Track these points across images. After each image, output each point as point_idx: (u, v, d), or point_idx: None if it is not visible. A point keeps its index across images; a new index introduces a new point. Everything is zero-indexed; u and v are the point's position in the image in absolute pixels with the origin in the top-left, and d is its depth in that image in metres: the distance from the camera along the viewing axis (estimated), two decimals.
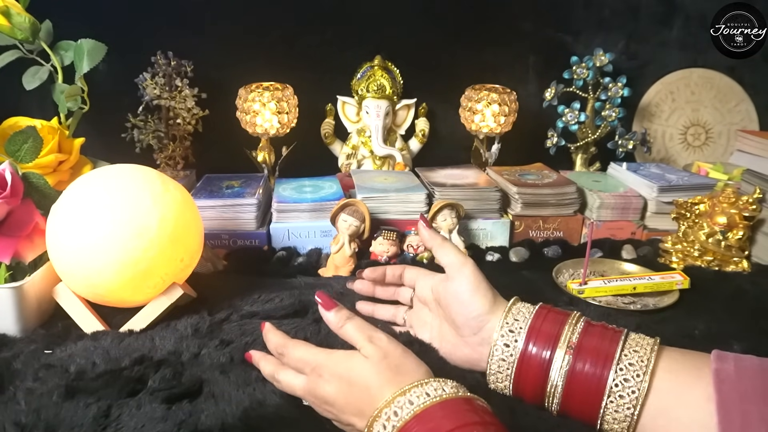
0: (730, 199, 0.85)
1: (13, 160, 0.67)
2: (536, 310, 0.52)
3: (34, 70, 0.77)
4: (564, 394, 0.47)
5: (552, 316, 0.51)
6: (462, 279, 0.54)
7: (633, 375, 0.45)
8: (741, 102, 1.22)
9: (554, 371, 0.48)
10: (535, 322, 0.50)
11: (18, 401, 0.50)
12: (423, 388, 0.42)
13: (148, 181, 0.63)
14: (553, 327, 0.50)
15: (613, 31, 1.19)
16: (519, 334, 0.50)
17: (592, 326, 0.50)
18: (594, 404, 0.46)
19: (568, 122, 1.13)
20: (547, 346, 0.49)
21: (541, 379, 0.49)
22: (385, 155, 1.12)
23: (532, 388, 0.49)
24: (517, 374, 0.50)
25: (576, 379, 0.47)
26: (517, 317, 0.51)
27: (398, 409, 0.41)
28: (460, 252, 0.56)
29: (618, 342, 0.47)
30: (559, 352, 0.48)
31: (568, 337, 0.48)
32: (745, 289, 0.78)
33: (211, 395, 0.52)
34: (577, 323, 0.50)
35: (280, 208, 0.89)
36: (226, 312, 0.67)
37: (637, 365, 0.45)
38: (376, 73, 1.12)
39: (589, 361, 0.47)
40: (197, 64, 1.03)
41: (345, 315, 0.50)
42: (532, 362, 0.49)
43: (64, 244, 0.60)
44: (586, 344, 0.48)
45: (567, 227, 0.95)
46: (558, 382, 0.47)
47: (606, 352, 0.46)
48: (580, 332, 0.48)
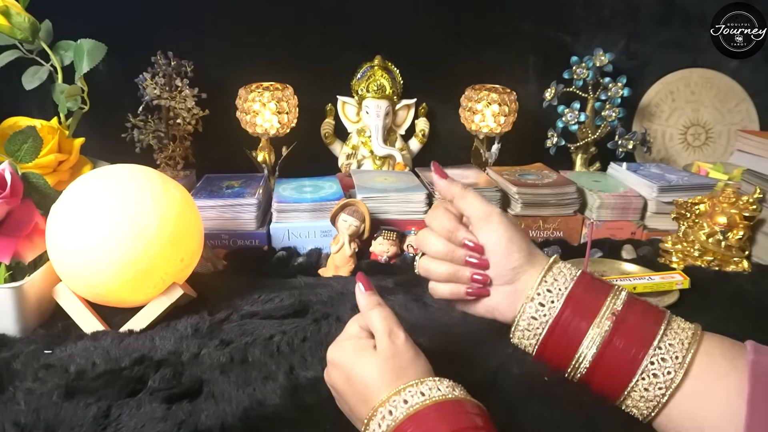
0: (731, 199, 0.84)
1: (13, 160, 0.67)
2: (578, 276, 0.49)
3: (33, 70, 0.77)
4: (592, 367, 0.47)
5: (594, 285, 0.49)
6: (491, 232, 0.50)
7: (668, 366, 0.44)
8: (741, 102, 1.22)
9: (586, 344, 0.46)
10: (576, 289, 0.48)
11: (18, 401, 0.50)
12: (418, 387, 0.42)
13: (148, 181, 0.63)
14: (593, 298, 0.48)
15: (613, 31, 1.19)
16: (557, 297, 0.48)
17: (635, 302, 0.48)
18: (622, 381, 0.45)
19: (568, 122, 1.13)
20: (584, 316, 0.47)
21: (570, 349, 0.47)
22: (385, 155, 1.12)
23: (559, 356, 0.48)
24: (546, 338, 0.48)
25: (609, 355, 0.46)
26: (557, 278, 0.49)
27: (393, 409, 0.41)
28: (486, 201, 0.52)
29: (661, 323, 0.46)
30: (596, 326, 0.46)
31: (609, 309, 0.47)
32: (746, 289, 0.78)
33: (211, 395, 0.52)
34: (618, 297, 0.48)
35: (280, 208, 0.89)
36: (226, 312, 0.67)
37: (674, 357, 0.44)
38: (376, 73, 1.12)
39: (627, 338, 0.45)
40: (197, 64, 1.03)
41: (376, 300, 0.48)
42: (567, 330, 0.47)
43: (64, 244, 0.60)
44: (627, 320, 0.46)
45: (567, 227, 0.95)
46: (588, 354, 0.46)
47: (647, 331, 0.45)
48: (622, 306, 0.47)
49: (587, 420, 0.49)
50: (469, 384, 0.45)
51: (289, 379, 0.54)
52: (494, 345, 0.59)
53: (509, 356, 0.57)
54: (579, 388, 0.52)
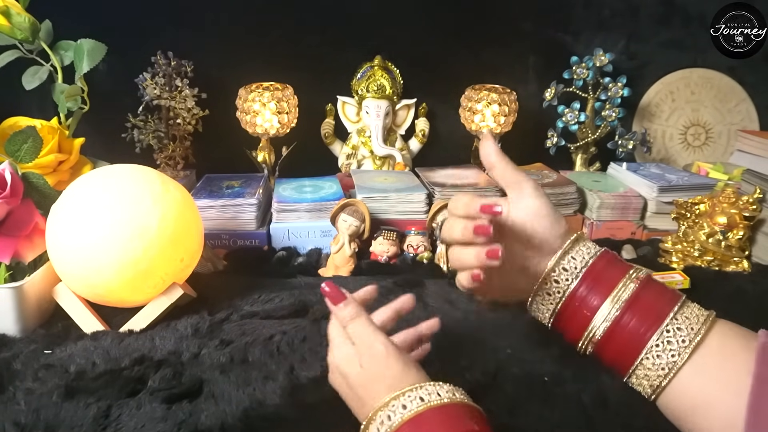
0: (731, 199, 0.85)
1: (13, 160, 0.67)
2: (600, 252, 0.51)
3: (33, 70, 0.77)
4: (602, 341, 0.48)
5: (616, 261, 0.51)
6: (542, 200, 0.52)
7: (683, 335, 0.45)
8: (741, 102, 1.22)
9: (598, 318, 0.48)
10: (597, 264, 0.50)
11: (18, 401, 0.50)
12: (417, 392, 0.42)
13: (148, 181, 0.63)
14: (613, 273, 0.49)
15: (613, 31, 1.19)
16: (580, 267, 0.50)
17: (653, 282, 0.49)
18: (629, 358, 0.47)
19: (568, 122, 1.13)
20: (600, 291, 0.49)
21: (582, 324, 0.49)
22: (385, 155, 1.12)
23: (572, 328, 0.50)
24: (563, 309, 0.50)
25: (619, 330, 0.47)
26: (575, 256, 0.50)
27: (391, 413, 0.41)
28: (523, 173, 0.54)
29: (674, 305, 0.47)
30: (609, 302, 0.48)
31: (621, 289, 0.48)
32: (746, 290, 0.78)
33: (211, 395, 0.52)
34: (636, 277, 0.49)
35: (280, 208, 0.89)
36: (226, 312, 0.67)
37: (689, 328, 0.45)
38: (376, 73, 1.12)
39: (639, 316, 0.47)
40: (197, 64, 1.03)
41: (349, 314, 0.47)
42: (579, 305, 0.49)
43: (64, 244, 0.60)
44: (642, 298, 0.48)
45: None
46: (600, 328, 0.48)
47: (658, 310, 0.47)
48: (637, 286, 0.48)
49: (587, 420, 0.49)
50: (469, 384, 0.45)
51: (289, 379, 0.54)
52: (494, 345, 0.59)
53: (509, 356, 0.57)
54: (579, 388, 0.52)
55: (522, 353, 0.57)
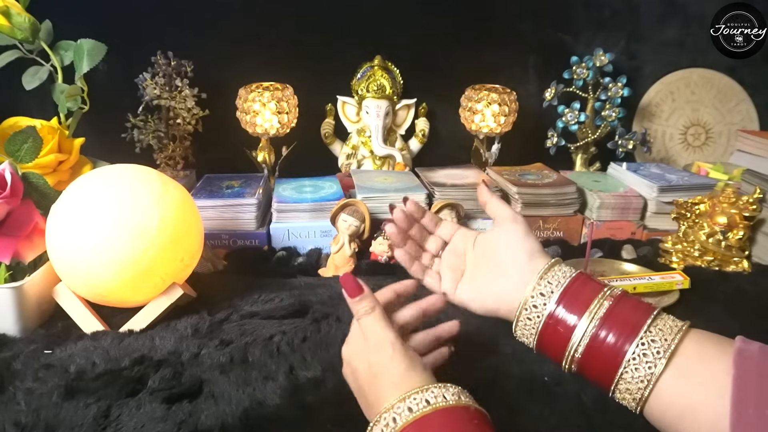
0: (731, 199, 0.84)
1: (13, 160, 0.67)
2: (575, 274, 0.53)
3: (33, 70, 0.77)
4: (582, 359, 0.50)
5: (589, 282, 0.52)
6: (517, 225, 0.57)
7: (657, 346, 0.46)
8: (741, 102, 1.22)
9: (576, 335, 0.50)
10: (571, 285, 0.52)
11: (18, 401, 0.50)
12: (423, 395, 0.42)
13: (148, 181, 0.63)
14: (587, 292, 0.51)
15: (613, 31, 1.19)
16: (556, 289, 0.52)
17: (626, 298, 0.51)
18: (611, 371, 0.47)
19: (568, 122, 1.13)
20: (576, 309, 0.50)
21: (563, 343, 0.50)
22: (385, 155, 1.12)
23: (554, 350, 0.52)
24: (542, 334, 0.52)
25: (598, 346, 0.48)
26: (556, 274, 0.53)
27: (397, 416, 0.41)
28: (511, 208, 0.60)
29: (648, 317, 0.48)
30: (585, 319, 0.49)
31: (597, 306, 0.50)
32: (746, 290, 0.78)
33: (211, 395, 0.52)
34: (610, 294, 0.51)
35: (280, 208, 0.89)
36: (226, 312, 0.67)
37: (663, 339, 0.46)
38: (376, 73, 1.12)
39: (615, 330, 0.48)
40: (197, 64, 1.03)
41: (365, 308, 0.48)
42: (558, 326, 0.51)
43: (64, 244, 0.60)
44: (616, 314, 0.49)
45: (567, 227, 0.95)
46: (579, 346, 0.49)
47: (633, 323, 0.48)
48: (611, 302, 0.50)
49: (587, 420, 0.49)
50: (469, 384, 0.45)
51: (289, 379, 0.54)
52: (494, 345, 0.59)
53: (509, 356, 0.57)
54: (579, 388, 0.52)
55: (522, 353, 0.57)
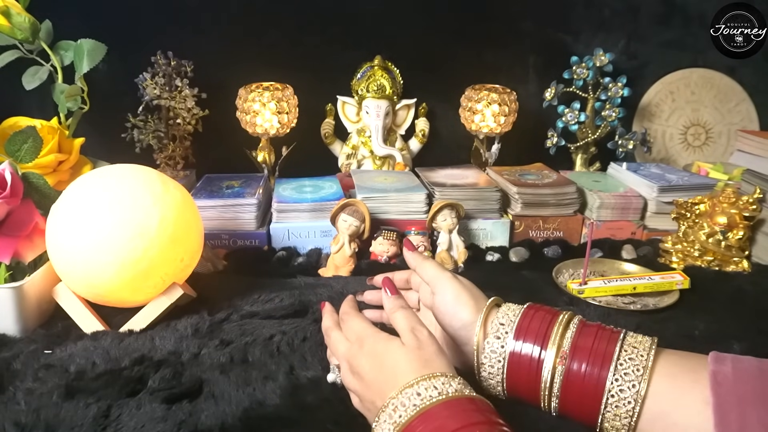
0: (731, 199, 0.85)
1: (13, 160, 0.67)
2: (523, 311, 0.51)
3: (33, 70, 0.77)
4: (561, 395, 0.47)
5: (540, 315, 0.50)
6: (442, 291, 0.54)
7: (631, 377, 0.44)
8: (741, 102, 1.22)
9: (546, 370, 0.47)
10: (522, 322, 0.50)
11: (18, 401, 0.50)
12: (431, 381, 0.43)
13: (148, 181, 0.63)
14: (541, 326, 0.49)
15: (613, 31, 1.19)
16: (506, 335, 0.50)
17: (587, 326, 0.49)
18: (593, 406, 0.45)
19: (568, 122, 1.13)
20: (536, 344, 0.48)
21: (533, 380, 0.48)
22: (385, 155, 1.12)
23: (526, 389, 0.49)
24: (509, 376, 0.50)
25: (572, 381, 0.46)
26: (502, 321, 0.51)
27: (406, 400, 0.42)
28: (440, 267, 0.56)
29: (616, 342, 0.46)
30: (550, 352, 0.47)
31: (559, 336, 0.48)
32: (746, 290, 0.78)
33: (211, 395, 0.52)
34: (569, 322, 0.49)
35: (280, 208, 0.89)
36: (226, 312, 0.67)
37: (635, 367, 0.45)
38: (376, 73, 1.12)
39: (586, 362, 0.46)
40: (197, 64, 1.03)
41: (400, 304, 0.51)
42: (522, 363, 0.49)
43: (64, 244, 0.60)
44: (582, 344, 0.47)
45: (567, 227, 0.95)
46: (551, 381, 0.47)
47: (603, 352, 0.46)
48: (575, 331, 0.48)
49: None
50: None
51: (289, 379, 0.54)
52: None
53: None
54: None
55: None
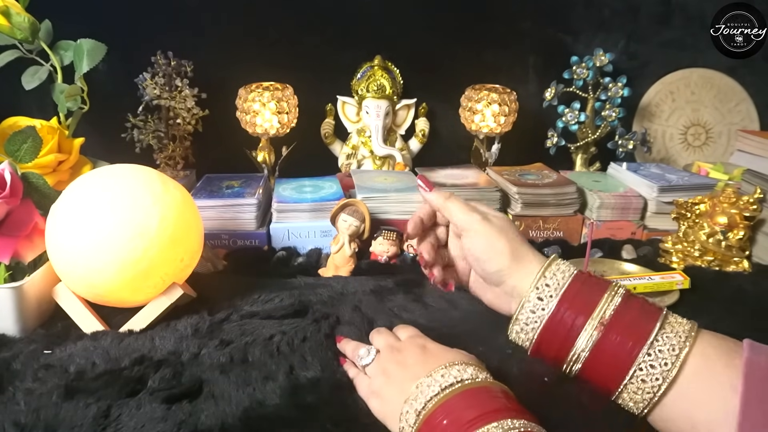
0: (731, 199, 0.84)
1: (13, 160, 0.67)
2: (575, 274, 0.50)
3: (33, 70, 0.77)
4: (587, 362, 0.47)
5: (592, 282, 0.49)
6: (472, 239, 0.52)
7: (665, 357, 0.44)
8: (741, 102, 1.22)
9: (582, 339, 0.47)
10: (572, 286, 0.49)
11: (17, 401, 0.50)
12: (449, 369, 0.45)
13: (148, 181, 0.63)
14: (591, 294, 0.48)
15: (613, 31, 1.19)
16: (555, 293, 0.49)
17: (632, 299, 0.48)
18: (618, 375, 0.46)
19: (568, 122, 1.13)
20: (581, 312, 0.47)
21: (566, 345, 0.48)
22: (385, 155, 1.12)
23: (555, 352, 0.49)
24: (542, 335, 0.49)
25: (605, 350, 0.46)
26: (549, 282, 0.50)
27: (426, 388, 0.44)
28: (467, 207, 0.54)
29: (657, 320, 0.46)
30: (591, 323, 0.47)
31: (603, 309, 0.47)
32: (746, 290, 0.77)
33: (211, 395, 0.52)
34: (616, 294, 0.48)
35: (280, 208, 0.89)
36: (226, 312, 0.67)
37: (671, 347, 0.44)
38: (376, 73, 1.12)
39: (623, 334, 0.46)
40: (197, 64, 1.03)
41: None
42: (563, 326, 0.48)
43: (63, 244, 0.60)
44: (624, 316, 0.47)
45: (567, 227, 0.95)
46: (585, 349, 0.47)
47: (643, 327, 0.46)
48: (618, 304, 0.47)
49: (587, 420, 0.49)
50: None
51: (289, 379, 0.54)
52: (494, 345, 0.59)
53: (509, 356, 0.57)
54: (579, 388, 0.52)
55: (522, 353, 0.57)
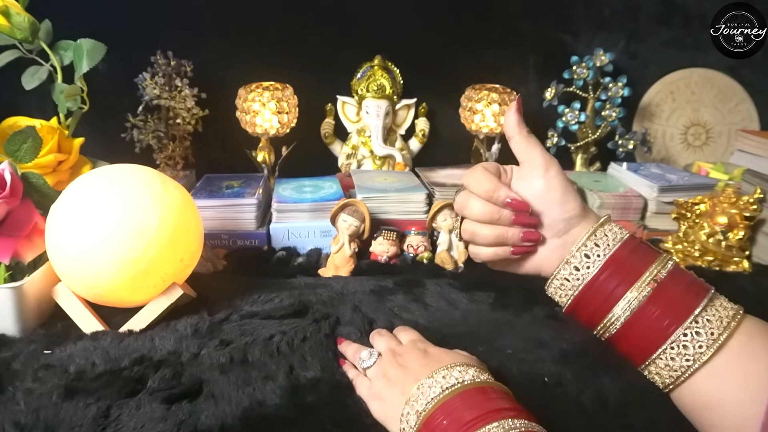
0: (731, 199, 0.84)
1: (13, 160, 0.67)
2: (626, 238, 0.49)
3: (33, 70, 0.77)
4: (622, 330, 0.47)
5: (642, 250, 0.48)
6: (550, 180, 0.51)
7: (701, 339, 0.43)
8: (741, 102, 1.22)
9: (620, 306, 0.46)
10: (621, 251, 0.48)
11: (17, 401, 0.50)
12: (450, 371, 0.45)
13: (148, 181, 0.63)
14: (638, 261, 0.47)
15: (613, 31, 1.19)
16: (603, 254, 0.48)
17: (681, 273, 0.47)
18: (650, 347, 0.45)
19: (568, 122, 1.13)
20: (624, 279, 0.47)
21: (604, 309, 0.47)
22: (385, 155, 1.11)
23: (590, 314, 0.49)
24: (581, 295, 0.48)
25: (642, 321, 0.45)
26: (598, 242, 0.48)
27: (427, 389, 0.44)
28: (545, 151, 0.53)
29: (702, 298, 0.45)
30: (635, 290, 0.46)
31: (652, 276, 0.46)
32: (746, 290, 0.77)
33: (210, 395, 0.52)
34: (665, 266, 0.47)
35: (280, 208, 0.89)
36: (226, 312, 0.67)
37: (709, 333, 0.44)
38: (376, 73, 1.12)
39: (664, 308, 0.45)
40: (197, 64, 1.03)
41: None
42: (603, 290, 0.47)
43: (63, 244, 0.60)
44: (668, 290, 0.46)
45: None
46: (621, 317, 0.46)
47: (686, 303, 0.45)
48: (666, 275, 0.46)
49: (587, 420, 0.49)
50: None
51: (289, 379, 0.54)
52: (494, 345, 0.59)
53: (509, 356, 0.57)
54: (579, 388, 0.52)
55: (522, 353, 0.57)
